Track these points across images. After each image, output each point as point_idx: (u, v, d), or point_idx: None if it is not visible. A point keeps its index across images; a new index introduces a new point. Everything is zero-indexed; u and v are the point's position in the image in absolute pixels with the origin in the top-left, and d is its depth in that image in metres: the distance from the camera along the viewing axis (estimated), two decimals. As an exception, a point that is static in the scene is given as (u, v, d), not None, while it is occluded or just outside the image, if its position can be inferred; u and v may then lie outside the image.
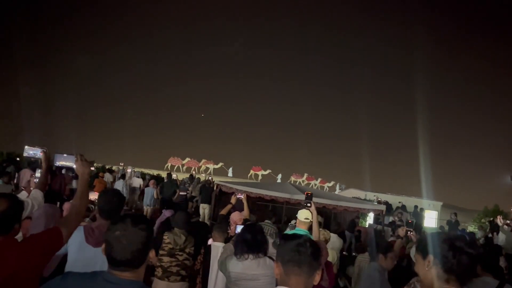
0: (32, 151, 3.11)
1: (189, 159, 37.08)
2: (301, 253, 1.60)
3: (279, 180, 32.08)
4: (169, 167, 35.57)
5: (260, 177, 35.59)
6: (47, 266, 2.02)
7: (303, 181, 36.71)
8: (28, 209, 2.75)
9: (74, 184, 11.78)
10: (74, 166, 2.59)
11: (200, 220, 11.54)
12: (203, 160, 37.23)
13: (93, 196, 10.55)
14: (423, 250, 1.78)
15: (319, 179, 37.99)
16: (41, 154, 3.26)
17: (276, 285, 1.67)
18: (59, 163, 2.82)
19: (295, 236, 1.72)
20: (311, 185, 36.53)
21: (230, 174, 35.34)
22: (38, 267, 1.87)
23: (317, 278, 1.62)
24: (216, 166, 36.78)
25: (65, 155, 2.75)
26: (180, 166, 36.50)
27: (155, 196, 12.06)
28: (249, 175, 36.27)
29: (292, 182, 33.95)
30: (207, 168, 36.64)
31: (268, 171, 36.12)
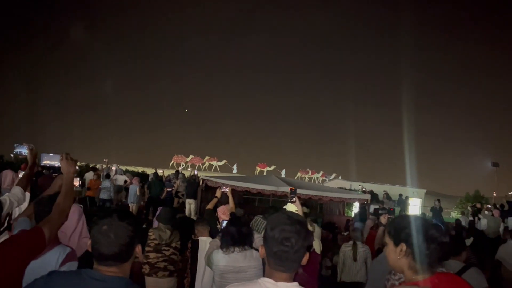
0: (18, 149, 3.04)
1: (193, 156, 36.94)
2: (285, 252, 1.54)
3: (283, 175, 32.12)
4: (174, 165, 35.32)
5: (265, 174, 35.61)
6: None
7: (308, 176, 37.03)
8: (6, 206, 2.68)
9: None
10: (57, 165, 2.55)
11: (186, 215, 11.53)
12: (207, 157, 37.12)
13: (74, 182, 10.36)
14: (395, 237, 1.71)
15: (321, 172, 38.30)
16: (28, 151, 3.20)
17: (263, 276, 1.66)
18: (44, 162, 2.77)
19: (282, 224, 1.59)
20: (313, 179, 36.81)
21: (234, 170, 35.17)
22: (19, 269, 1.84)
23: (304, 260, 1.60)
24: (220, 163, 36.70)
25: (51, 154, 2.70)
26: (184, 163, 36.27)
27: (137, 193, 12.00)
28: (256, 172, 36.22)
29: (299, 178, 34.38)
30: (211, 165, 36.60)
31: (273, 167, 36.14)
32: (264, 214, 4.86)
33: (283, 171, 35.00)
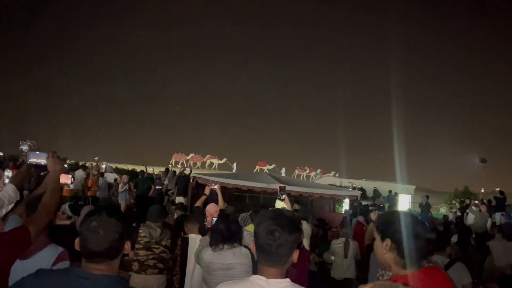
0: (22, 146, 3.01)
1: (193, 154, 36.78)
2: (268, 244, 1.58)
3: (283, 174, 32.00)
4: (173, 163, 35.11)
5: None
6: None
7: (306, 174, 37.03)
8: None
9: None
10: (43, 163, 2.53)
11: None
12: (208, 155, 36.98)
13: (66, 179, 10.34)
14: (382, 232, 1.76)
15: (319, 170, 38.27)
16: (27, 148, 3.15)
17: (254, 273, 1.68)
18: (31, 160, 2.74)
19: (268, 218, 1.64)
20: (311, 177, 36.86)
21: (234, 169, 35.05)
22: (4, 266, 1.83)
23: (294, 257, 1.64)
24: (220, 162, 36.52)
25: (37, 152, 2.68)
26: (185, 162, 36.09)
27: (119, 189, 12.00)
28: (255, 170, 36.08)
29: (296, 176, 34.33)
30: (212, 163, 36.49)
31: (273, 166, 35.99)
32: (252, 212, 4.91)
33: (283, 170, 34.98)
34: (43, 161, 2.52)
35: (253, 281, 1.60)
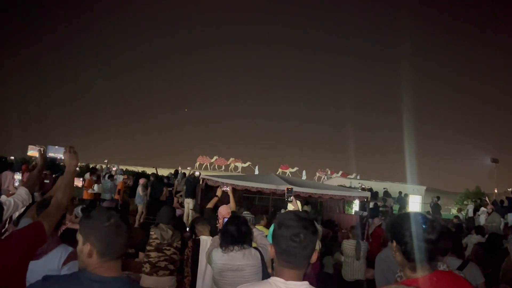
0: (32, 150, 3.09)
1: (217, 157, 36.86)
2: (294, 247, 1.56)
3: (304, 177, 32.14)
4: (197, 166, 35.28)
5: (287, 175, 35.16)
6: None
7: (327, 176, 36.86)
8: (11, 208, 2.69)
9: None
10: (59, 157, 2.59)
11: (184, 215, 11.59)
12: (231, 159, 37.00)
13: (77, 182, 10.47)
14: (390, 234, 1.80)
15: (340, 172, 37.98)
16: (38, 152, 3.22)
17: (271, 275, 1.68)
18: (50, 154, 2.82)
19: (290, 220, 1.63)
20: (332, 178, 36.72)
21: (256, 172, 35.04)
22: (22, 263, 1.85)
23: (314, 258, 1.63)
24: (244, 165, 36.49)
25: (56, 147, 2.78)
26: (209, 164, 36.27)
27: (140, 193, 12.10)
28: (277, 173, 35.99)
29: (317, 179, 34.27)
30: (236, 167, 36.54)
31: (295, 169, 35.90)
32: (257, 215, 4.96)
33: (304, 172, 34.88)
34: (59, 155, 2.58)
35: (272, 283, 1.59)
